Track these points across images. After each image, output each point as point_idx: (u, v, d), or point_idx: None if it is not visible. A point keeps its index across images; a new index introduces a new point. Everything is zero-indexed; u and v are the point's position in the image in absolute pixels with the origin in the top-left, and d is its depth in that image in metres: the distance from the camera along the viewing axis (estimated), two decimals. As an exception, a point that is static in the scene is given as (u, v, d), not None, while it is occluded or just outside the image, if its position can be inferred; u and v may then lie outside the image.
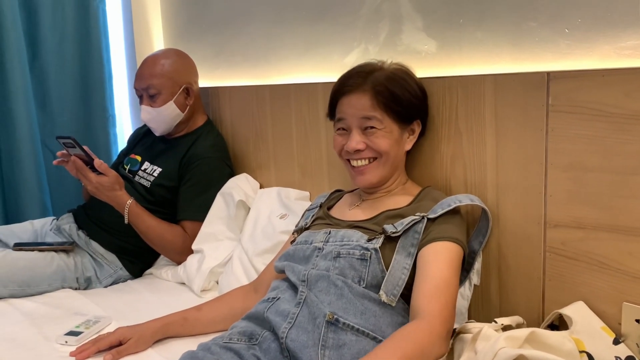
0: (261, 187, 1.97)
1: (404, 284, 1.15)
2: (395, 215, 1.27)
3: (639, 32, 1.08)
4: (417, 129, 1.37)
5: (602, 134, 1.10)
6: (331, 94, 1.37)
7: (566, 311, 1.14)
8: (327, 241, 1.26)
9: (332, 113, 1.38)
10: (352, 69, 1.36)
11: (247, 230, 1.78)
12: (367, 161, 1.32)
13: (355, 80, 1.31)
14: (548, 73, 1.17)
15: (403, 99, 1.30)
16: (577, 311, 1.14)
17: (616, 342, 1.08)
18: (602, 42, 1.13)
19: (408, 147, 1.36)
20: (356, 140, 1.30)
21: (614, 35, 1.11)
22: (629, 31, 1.09)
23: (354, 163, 1.33)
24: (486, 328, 1.05)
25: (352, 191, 1.48)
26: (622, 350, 1.07)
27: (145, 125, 2.11)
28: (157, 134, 1.99)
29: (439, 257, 1.15)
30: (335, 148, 1.37)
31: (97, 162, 1.72)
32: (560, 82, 1.15)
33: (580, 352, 1.04)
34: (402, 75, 1.33)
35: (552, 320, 1.19)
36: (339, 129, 1.35)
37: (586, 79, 1.11)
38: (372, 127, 1.29)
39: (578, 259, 1.17)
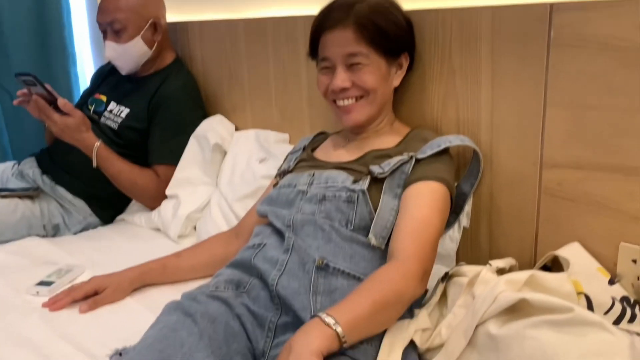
0: (237, 129, 1.89)
1: (392, 226, 1.11)
2: (382, 155, 1.22)
3: (648, -39, 1.02)
4: (405, 63, 1.30)
5: (607, 69, 1.05)
6: (311, 31, 1.29)
7: (562, 252, 1.12)
8: (311, 183, 1.21)
9: (313, 52, 1.30)
10: (332, 2, 1.27)
11: (224, 175, 1.72)
12: (353, 99, 1.25)
13: (336, 14, 1.23)
14: (551, 4, 1.10)
15: (388, 31, 1.23)
16: (573, 252, 1.12)
17: (611, 282, 1.07)
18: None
19: (396, 83, 1.30)
20: (341, 78, 1.23)
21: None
22: (637, -41, 1.03)
23: (340, 102, 1.26)
24: (484, 272, 1.03)
25: (337, 132, 1.41)
26: (618, 290, 1.07)
27: (109, 63, 1.98)
28: (123, 72, 1.87)
29: (421, 197, 1.11)
30: (319, 88, 1.29)
31: (62, 102, 1.61)
32: (564, 14, 1.09)
33: (578, 293, 1.03)
34: (386, 6, 1.26)
35: (545, 262, 1.17)
36: (323, 68, 1.28)
37: (592, 10, 1.05)
38: (357, 63, 1.22)
39: (575, 200, 1.14)
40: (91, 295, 1.25)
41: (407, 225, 1.07)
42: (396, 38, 1.25)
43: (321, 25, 1.26)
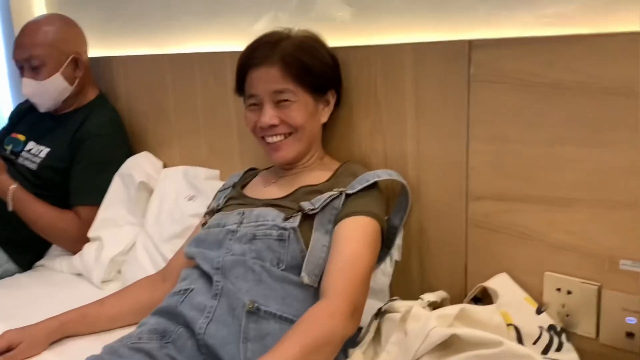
0: (165, 166, 1.83)
1: (324, 263, 1.10)
2: (313, 191, 1.21)
3: (558, 0, 1.06)
4: (332, 99, 1.31)
5: (524, 104, 1.08)
6: (237, 68, 1.28)
7: (490, 284, 1.14)
8: (241, 222, 1.18)
9: (240, 88, 1.29)
10: (256, 40, 1.27)
11: (151, 214, 1.65)
12: (282, 137, 1.24)
13: (261, 52, 1.23)
14: (470, 41, 1.14)
15: (314, 68, 1.23)
16: (500, 283, 1.14)
17: (539, 311, 1.09)
18: (523, 9, 1.11)
19: (324, 119, 1.30)
20: (269, 115, 1.21)
21: (534, 2, 1.09)
22: (547, -1, 1.08)
23: (269, 139, 1.25)
24: (416, 307, 1.03)
25: (267, 169, 1.39)
26: (544, 319, 1.08)
27: (27, 101, 1.90)
28: (41, 110, 1.80)
29: (351, 232, 1.10)
30: (247, 125, 1.28)
31: (-28, 143, 1.51)
32: (482, 51, 1.12)
33: (508, 325, 1.04)
34: (311, 44, 1.26)
35: (475, 293, 1.18)
36: (250, 105, 1.26)
37: (508, 47, 1.08)
38: (285, 100, 1.21)
39: (500, 231, 1.16)
40: (4, 352, 1.16)
41: (336, 263, 1.06)
42: (322, 75, 1.25)
43: (247, 62, 1.25)
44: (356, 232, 1.10)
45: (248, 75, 1.24)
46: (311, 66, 1.23)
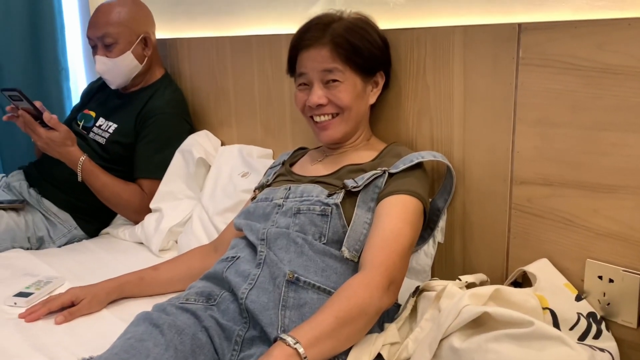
0: (222, 144, 1.91)
1: (366, 239, 1.13)
2: (357, 170, 1.24)
3: (612, -17, 1.05)
4: (381, 81, 1.33)
5: (572, 88, 1.07)
6: (289, 49, 1.32)
7: (530, 268, 1.14)
8: (287, 197, 1.23)
9: (291, 69, 1.34)
10: (309, 22, 1.31)
11: (207, 189, 1.73)
12: (329, 116, 1.27)
13: (313, 33, 1.26)
14: (519, 24, 1.13)
15: (364, 49, 1.26)
16: (540, 268, 1.13)
17: (578, 298, 1.08)
18: (575, -8, 1.09)
19: (372, 100, 1.32)
20: (318, 95, 1.25)
21: (587, -15, 1.08)
22: (602, -18, 1.06)
23: (317, 119, 1.29)
24: (450, 286, 1.04)
25: (316, 148, 1.43)
26: (584, 306, 1.08)
27: (99, 80, 2.02)
28: (112, 86, 1.90)
29: (393, 210, 1.13)
30: (297, 105, 1.32)
31: (47, 116, 1.63)
32: (532, 34, 1.11)
33: (544, 308, 1.04)
34: (361, 25, 1.28)
35: (515, 277, 1.18)
36: (300, 85, 1.31)
37: (558, 30, 1.07)
38: (334, 81, 1.25)
39: (543, 216, 1.16)
40: (68, 307, 1.26)
41: (376, 237, 1.09)
42: (371, 56, 1.28)
43: (299, 43, 1.29)
44: (398, 210, 1.13)
45: (299, 56, 1.29)
46: (360, 47, 1.25)
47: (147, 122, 1.83)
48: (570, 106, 1.08)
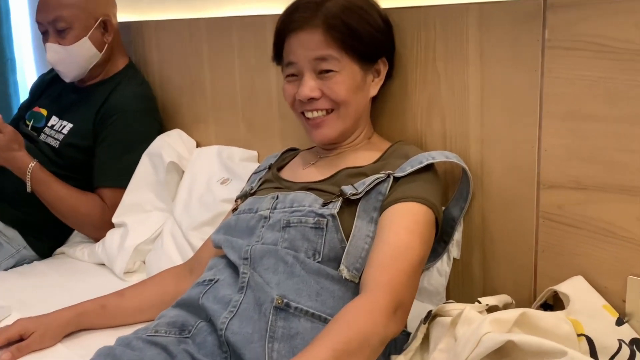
0: (198, 146, 1.92)
1: (368, 255, 1.13)
2: (357, 173, 1.25)
3: (653, -50, 1.05)
4: (384, 69, 1.33)
5: (608, 74, 1.08)
6: (275, 32, 1.32)
7: (562, 288, 1.14)
8: (275, 208, 1.23)
9: (278, 56, 1.34)
10: (297, 0, 1.30)
11: (180, 198, 1.74)
12: (323, 112, 1.28)
13: (302, 13, 1.26)
14: (544, 1, 1.14)
15: (362, 32, 1.26)
16: (574, 287, 1.13)
17: (620, 322, 1.08)
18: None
19: (373, 92, 1.33)
20: (309, 87, 1.25)
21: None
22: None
23: (309, 115, 1.29)
24: (468, 309, 1.04)
25: (308, 149, 1.44)
26: (627, 331, 1.08)
27: (51, 71, 2.03)
28: (67, 79, 1.90)
29: (399, 220, 1.13)
30: (286, 99, 1.33)
31: (-12, 116, 1.63)
32: (559, 12, 1.12)
33: (579, 335, 1.04)
34: (359, 4, 1.29)
35: (545, 298, 1.19)
36: (288, 75, 1.31)
37: (590, 7, 1.08)
38: (328, 70, 1.25)
39: (577, 225, 1.16)
40: (16, 342, 1.25)
41: (380, 252, 1.09)
42: (372, 40, 1.28)
43: (286, 25, 1.29)
44: (405, 220, 1.13)
45: (286, 41, 1.29)
46: (359, 30, 1.25)
47: (108, 121, 1.83)
48: (606, 96, 1.09)
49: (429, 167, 1.22)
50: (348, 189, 1.19)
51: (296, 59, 1.27)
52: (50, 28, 1.82)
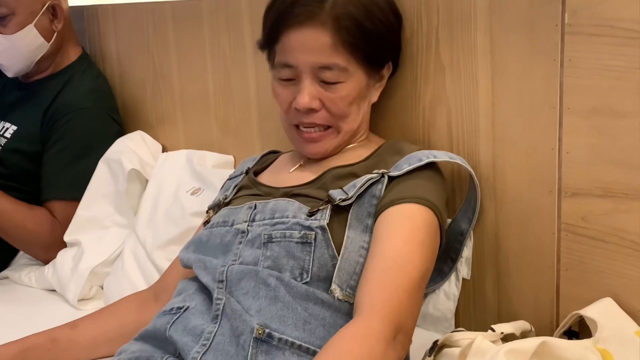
0: (164, 150, 1.92)
1: (363, 270, 1.13)
2: (346, 174, 1.25)
3: None
4: (387, 73, 1.35)
5: (639, 65, 1.08)
6: (270, 19, 1.29)
7: (589, 312, 1.14)
8: (253, 220, 1.22)
9: (268, 45, 1.32)
10: None
11: (144, 212, 1.74)
12: (321, 129, 1.28)
13: (307, 5, 1.23)
14: (564, -22, 1.15)
15: (377, 35, 1.26)
16: (603, 312, 1.14)
17: (655, 351, 1.09)
18: None
19: (375, 98, 1.34)
20: (310, 94, 1.24)
21: None
22: None
23: (304, 129, 1.29)
24: (480, 339, 1.05)
25: (291, 151, 1.44)
26: (663, 361, 1.08)
27: (-9, 65, 2.02)
28: (9, 74, 1.91)
29: (396, 229, 1.12)
30: (280, 104, 1.31)
31: None
32: (581, -8, 1.13)
33: (608, 367, 1.04)
34: None
35: (569, 324, 1.19)
36: (284, 79, 1.29)
37: (617, -14, 1.09)
38: (332, 82, 1.24)
39: (605, 239, 1.17)
40: (-48, 382, 1.26)
41: (375, 267, 1.09)
42: (385, 44, 1.29)
43: (283, 16, 1.25)
44: (402, 228, 1.12)
45: (283, 35, 1.26)
46: (373, 32, 1.25)
47: (58, 122, 1.83)
48: (637, 90, 1.09)
49: (431, 166, 1.23)
50: (337, 194, 1.19)
51: (295, 63, 1.25)
52: (-11, 15, 1.83)
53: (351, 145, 1.34)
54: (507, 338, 1.12)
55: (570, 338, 1.18)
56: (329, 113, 1.26)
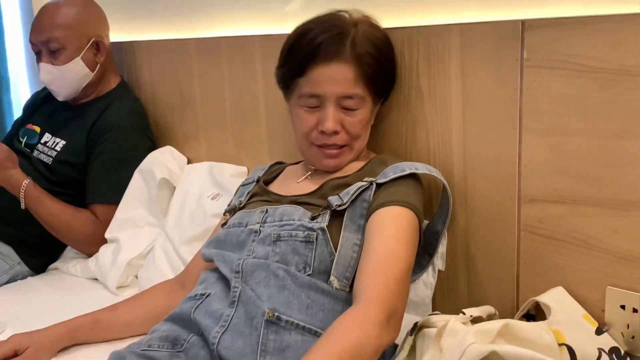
0: (189, 162, 1.91)
1: (357, 264, 1.13)
2: (342, 184, 1.25)
3: (626, -27, 1.07)
4: (381, 99, 1.35)
5: (585, 92, 1.09)
6: (301, 57, 1.25)
7: (544, 299, 1.14)
8: (265, 222, 1.22)
9: (291, 78, 1.29)
10: (324, 28, 1.24)
11: (172, 214, 1.73)
12: (338, 147, 1.28)
13: (331, 45, 1.22)
14: (522, 22, 1.15)
15: (388, 71, 1.29)
16: (555, 298, 1.14)
17: (599, 331, 1.09)
18: (584, -16, 1.12)
19: (372, 120, 1.34)
20: (334, 119, 1.24)
21: (598, -24, 1.10)
22: (614, -29, 1.08)
23: (327, 149, 1.28)
24: (453, 321, 1.04)
25: (296, 163, 1.44)
26: (606, 340, 1.08)
27: (44, 89, 2.02)
28: (60, 98, 1.90)
29: (384, 226, 1.13)
30: (302, 128, 1.28)
31: (-18, 135, 1.62)
32: (537, 32, 1.13)
33: (560, 344, 1.04)
34: (384, 39, 1.29)
35: (527, 309, 1.19)
36: (310, 106, 1.27)
37: (567, 27, 1.09)
38: (352, 108, 1.25)
39: (558, 238, 1.17)
40: (10, 358, 1.24)
41: (367, 263, 1.09)
42: (392, 79, 1.31)
43: (312, 53, 1.23)
44: (390, 227, 1.13)
45: (312, 70, 1.24)
46: (386, 66, 1.28)
47: (100, 138, 1.82)
48: (584, 113, 1.10)
49: (412, 175, 1.23)
50: (334, 200, 1.19)
51: (323, 93, 1.24)
52: (43, 48, 1.82)
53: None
54: (475, 320, 1.11)
55: (528, 320, 1.18)
56: (348, 135, 1.27)
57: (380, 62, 1.26)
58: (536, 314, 1.19)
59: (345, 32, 1.23)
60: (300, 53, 1.26)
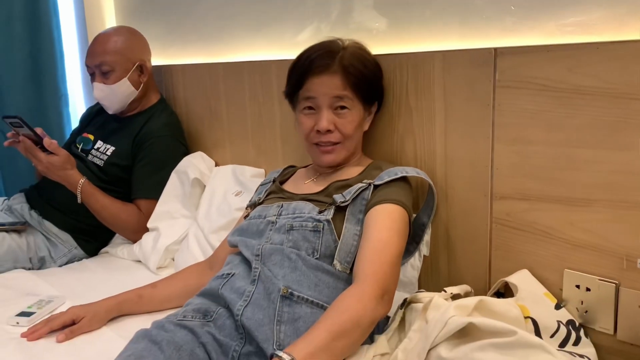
0: (216, 165, 1.90)
1: (357, 250, 1.13)
2: (344, 185, 1.25)
3: (579, 10, 1.07)
4: (374, 109, 1.34)
5: (546, 108, 1.09)
6: (295, 73, 1.28)
7: (511, 279, 1.14)
8: (280, 214, 1.22)
9: (294, 92, 1.31)
10: (317, 48, 1.27)
11: (202, 208, 1.72)
12: (332, 145, 1.27)
13: (323, 60, 1.24)
14: (495, 49, 1.15)
15: (371, 78, 1.27)
16: (521, 279, 1.14)
17: (558, 307, 1.09)
18: (545, 18, 1.11)
19: (366, 127, 1.34)
20: (328, 119, 1.24)
21: (557, 12, 1.09)
22: (570, 8, 1.08)
23: (323, 147, 1.28)
24: (436, 297, 1.04)
25: (305, 166, 1.43)
26: (563, 314, 1.08)
27: (97, 104, 2.01)
28: (110, 111, 1.89)
29: (380, 220, 1.13)
30: (303, 130, 1.29)
31: (47, 141, 1.62)
32: (507, 58, 1.13)
33: (525, 317, 1.04)
34: (365, 55, 1.29)
35: (498, 288, 1.19)
36: (305, 108, 1.28)
37: (531, 54, 1.09)
38: (342, 108, 1.24)
39: (522, 229, 1.17)
40: (69, 325, 1.24)
41: (366, 249, 1.09)
42: (375, 86, 1.30)
43: (308, 69, 1.25)
44: (385, 219, 1.13)
45: (307, 81, 1.26)
46: (368, 76, 1.27)
47: (143, 144, 1.82)
48: (545, 125, 1.10)
49: (403, 178, 1.23)
50: (338, 197, 1.19)
51: (317, 95, 1.25)
52: (97, 70, 1.82)
53: (349, 164, 1.33)
54: (455, 297, 1.11)
55: (498, 297, 1.18)
56: (340, 133, 1.26)
57: (364, 73, 1.25)
58: (505, 292, 1.19)
59: (335, 51, 1.25)
60: (299, 70, 1.28)
